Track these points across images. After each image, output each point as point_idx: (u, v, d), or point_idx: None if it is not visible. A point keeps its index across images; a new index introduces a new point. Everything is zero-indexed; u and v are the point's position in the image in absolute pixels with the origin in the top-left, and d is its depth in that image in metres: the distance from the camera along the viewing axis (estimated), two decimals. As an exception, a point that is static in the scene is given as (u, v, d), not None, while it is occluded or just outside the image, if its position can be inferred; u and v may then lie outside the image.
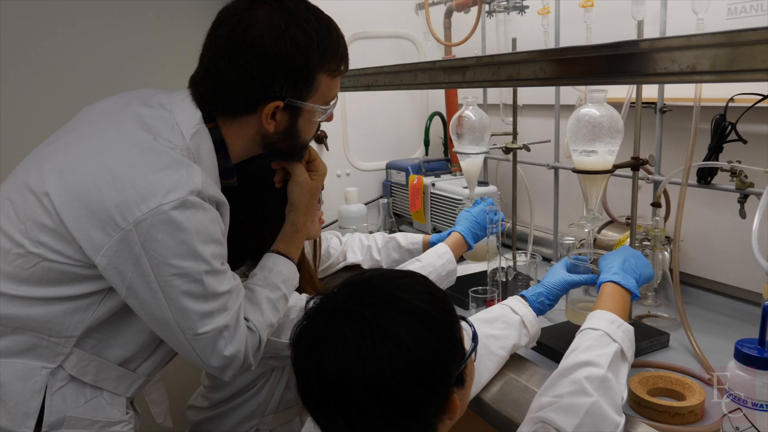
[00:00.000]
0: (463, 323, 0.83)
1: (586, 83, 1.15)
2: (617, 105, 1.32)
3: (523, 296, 1.20)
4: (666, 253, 1.40)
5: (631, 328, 1.02)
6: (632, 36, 1.22)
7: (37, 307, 0.98)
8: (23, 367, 1.00)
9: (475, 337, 0.83)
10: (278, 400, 1.41)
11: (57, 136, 1.09)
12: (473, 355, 0.82)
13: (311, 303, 0.80)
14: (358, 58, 1.12)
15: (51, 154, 1.03)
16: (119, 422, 1.08)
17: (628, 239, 1.51)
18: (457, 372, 0.77)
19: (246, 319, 1.08)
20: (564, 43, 1.62)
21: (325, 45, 1.05)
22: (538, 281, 1.56)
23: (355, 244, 1.67)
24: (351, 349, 0.72)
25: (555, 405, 0.88)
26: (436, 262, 1.48)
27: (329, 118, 1.17)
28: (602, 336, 0.98)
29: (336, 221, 2.12)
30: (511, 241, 1.68)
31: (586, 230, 1.27)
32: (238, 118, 1.08)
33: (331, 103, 1.14)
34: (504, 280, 1.53)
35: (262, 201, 1.30)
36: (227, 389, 1.39)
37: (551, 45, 1.64)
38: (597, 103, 1.17)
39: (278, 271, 1.17)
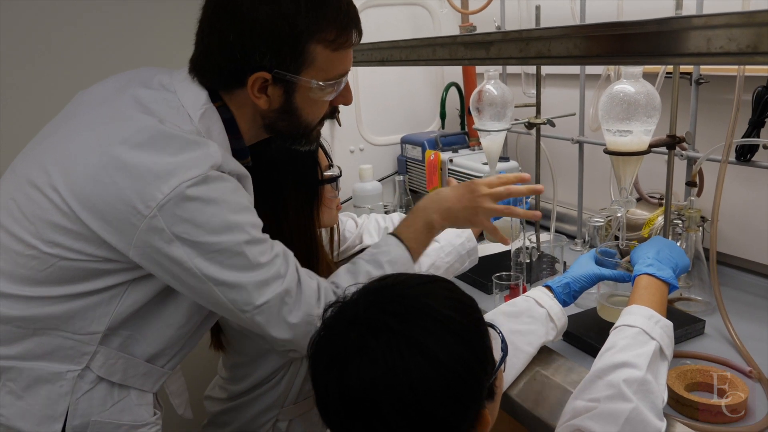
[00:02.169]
0: (491, 330, 0.77)
1: (627, 63, 1.05)
2: (649, 76, 1.23)
3: (547, 287, 1.14)
4: (698, 233, 1.33)
5: (670, 323, 0.95)
6: (667, 5, 1.12)
7: (58, 305, 0.93)
8: (48, 370, 0.95)
9: (504, 347, 0.77)
10: (297, 390, 1.37)
11: (54, 126, 1.02)
12: (503, 365, 0.76)
13: (329, 311, 0.74)
14: (371, 29, 1.01)
15: (51, 148, 0.96)
16: (146, 424, 1.04)
17: (659, 218, 1.44)
18: (488, 384, 0.72)
19: (336, 285, 1.04)
20: (592, 10, 1.51)
21: (316, 10, 0.94)
22: (564, 262, 1.51)
23: (372, 225, 1.61)
24: (377, 361, 0.66)
25: (592, 411, 0.83)
26: (454, 241, 1.40)
27: (346, 101, 1.08)
28: (639, 334, 0.92)
29: (350, 199, 2.06)
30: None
31: (619, 215, 1.19)
32: (233, 92, 1.00)
33: (336, 80, 1.01)
34: (528, 261, 1.47)
35: (280, 184, 1.23)
36: (246, 381, 1.35)
37: (577, 11, 1.54)
38: (632, 79, 1.08)
39: (386, 250, 1.11)
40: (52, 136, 0.99)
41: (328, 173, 1.31)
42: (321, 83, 0.99)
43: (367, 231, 1.60)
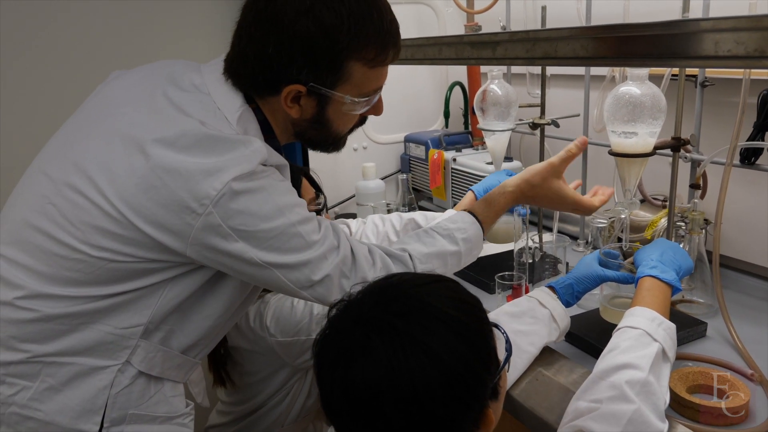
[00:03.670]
0: (495, 330, 0.77)
1: (634, 65, 1.05)
2: (655, 78, 1.23)
3: (551, 287, 1.14)
4: (701, 236, 1.33)
5: (673, 325, 0.96)
6: (675, 8, 1.12)
7: (102, 302, 0.93)
8: (88, 365, 0.95)
9: (509, 346, 0.78)
10: (299, 408, 1.37)
11: (82, 125, 1.00)
12: (507, 365, 0.76)
13: (334, 310, 0.74)
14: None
15: (88, 151, 0.94)
16: (181, 415, 1.04)
17: (663, 220, 1.44)
18: (492, 384, 0.72)
19: (405, 251, 1.06)
20: (597, 10, 1.51)
21: (358, 28, 0.92)
22: (567, 263, 1.51)
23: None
24: (380, 361, 0.67)
25: (595, 412, 0.83)
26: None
27: (377, 113, 1.07)
28: (642, 335, 0.92)
29: (353, 197, 2.06)
30: (537, 218, 1.61)
31: (623, 216, 1.19)
32: (266, 98, 1.00)
33: (370, 96, 1.02)
34: (530, 261, 1.47)
35: None
36: (252, 401, 1.35)
37: (583, 12, 1.54)
38: (638, 81, 1.08)
39: (464, 227, 1.12)
40: (85, 138, 0.96)
41: (311, 207, 1.30)
42: (355, 99, 1.00)
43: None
